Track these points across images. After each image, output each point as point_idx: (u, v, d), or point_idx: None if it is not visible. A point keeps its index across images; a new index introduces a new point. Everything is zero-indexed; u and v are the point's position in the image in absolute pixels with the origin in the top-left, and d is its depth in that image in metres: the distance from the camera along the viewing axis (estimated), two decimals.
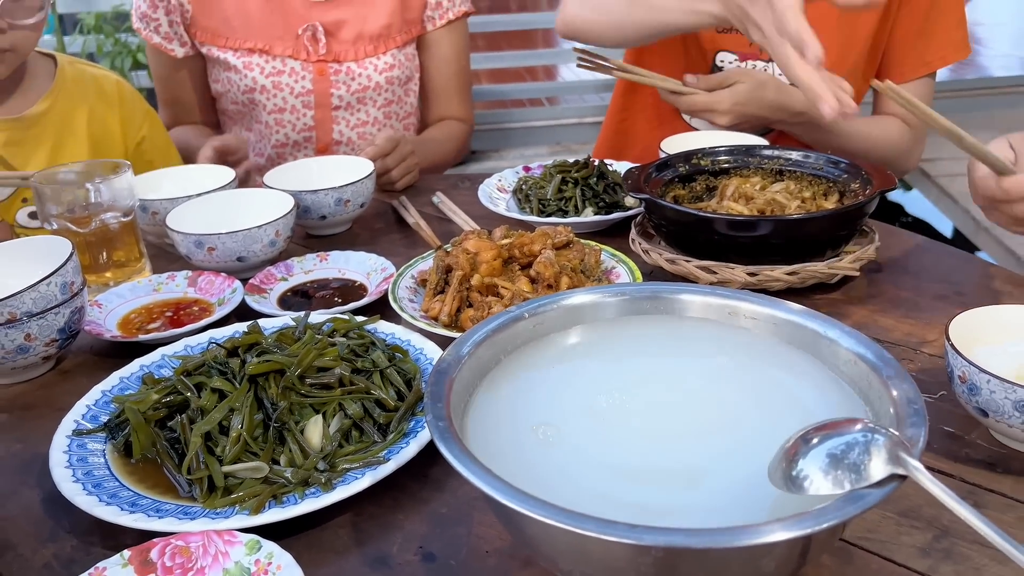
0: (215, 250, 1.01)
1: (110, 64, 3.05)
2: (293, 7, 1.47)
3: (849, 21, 1.30)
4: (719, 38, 1.36)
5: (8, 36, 1.16)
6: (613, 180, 1.18)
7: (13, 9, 1.15)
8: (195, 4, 1.47)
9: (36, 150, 1.28)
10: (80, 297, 0.86)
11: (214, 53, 1.49)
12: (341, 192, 1.14)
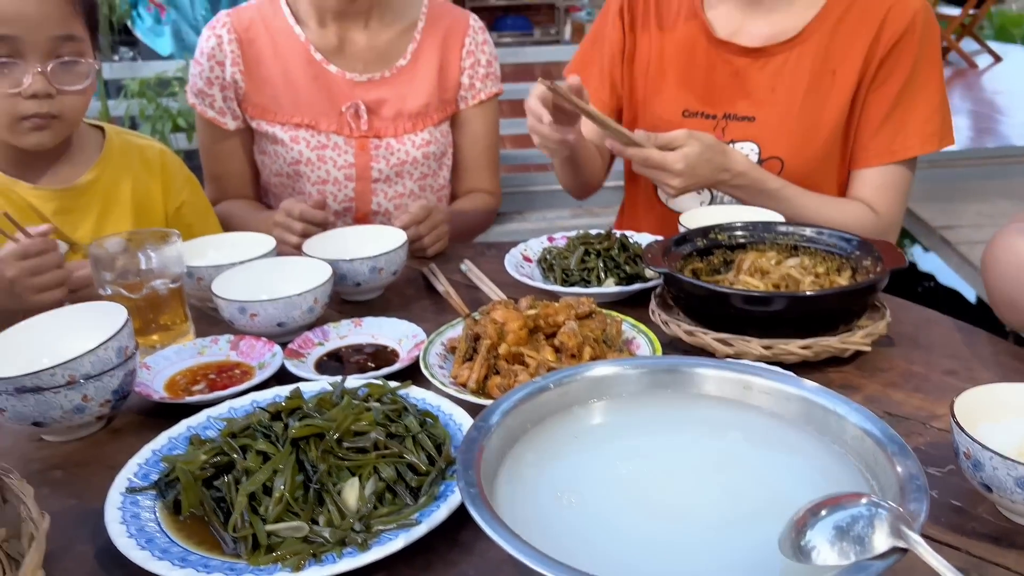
0: (257, 316, 1.07)
1: (151, 127, 3.19)
2: (339, 86, 1.56)
3: (813, 108, 1.36)
4: (684, 123, 1.43)
5: (56, 102, 1.23)
6: (634, 252, 1.23)
7: (62, 75, 1.22)
8: (248, 82, 1.57)
9: (84, 218, 1.35)
10: (133, 360, 0.92)
11: (263, 127, 1.58)
12: (375, 261, 1.21)
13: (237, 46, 1.56)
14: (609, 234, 1.27)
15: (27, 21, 1.17)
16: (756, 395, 0.70)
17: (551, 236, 1.36)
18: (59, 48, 1.21)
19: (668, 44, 1.46)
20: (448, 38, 1.62)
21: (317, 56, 1.56)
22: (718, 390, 0.72)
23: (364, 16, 1.58)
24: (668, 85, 1.46)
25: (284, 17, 1.58)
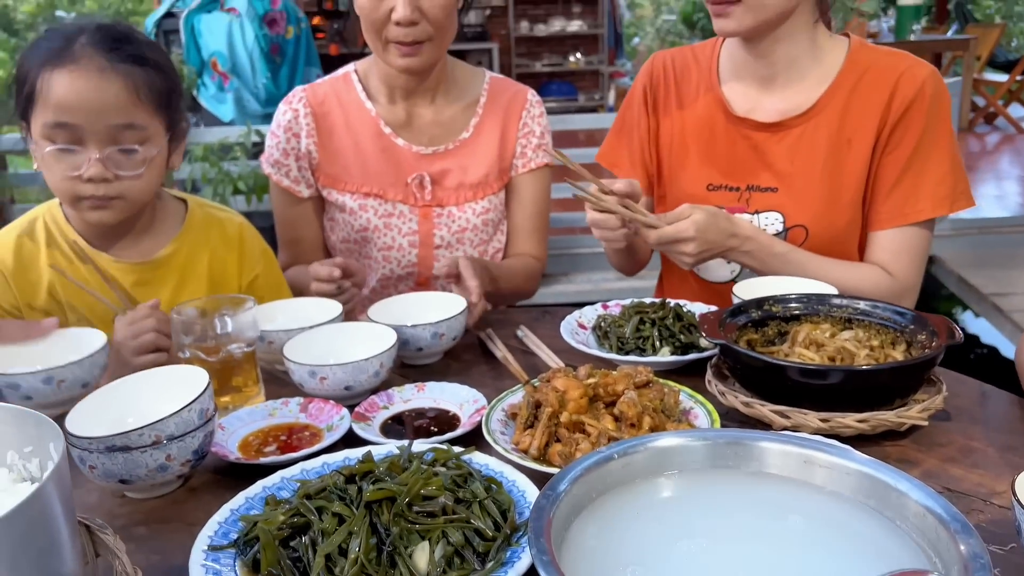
0: (326, 380, 1.12)
1: (213, 191, 3.33)
2: (405, 158, 1.64)
3: (832, 176, 1.41)
4: (710, 196, 1.50)
5: (115, 185, 1.27)
6: (688, 321, 1.26)
7: (120, 161, 1.27)
8: (321, 153, 1.66)
9: (160, 289, 1.41)
10: (212, 422, 0.97)
11: (333, 196, 1.66)
12: (437, 327, 1.25)
13: (312, 119, 1.65)
14: (663, 303, 1.30)
15: (88, 110, 1.23)
16: (817, 470, 0.72)
17: (605, 304, 1.40)
18: (119, 135, 1.26)
19: (689, 122, 1.53)
20: (508, 112, 1.70)
21: (386, 130, 1.65)
22: (779, 465, 0.74)
23: (431, 93, 1.66)
24: (691, 161, 1.53)
25: (356, 93, 1.67)
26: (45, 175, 1.29)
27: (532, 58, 10.75)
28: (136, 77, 1.27)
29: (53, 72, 1.22)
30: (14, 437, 0.76)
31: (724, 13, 1.34)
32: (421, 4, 1.47)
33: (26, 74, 1.25)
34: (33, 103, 1.24)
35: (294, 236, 1.71)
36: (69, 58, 1.23)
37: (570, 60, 10.67)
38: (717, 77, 1.52)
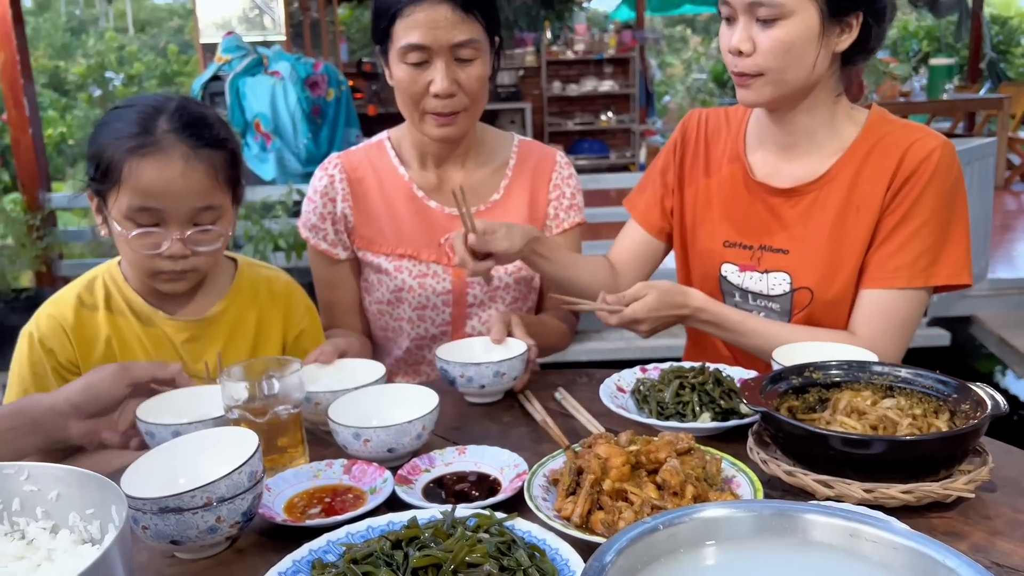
0: (370, 442, 1.14)
1: (254, 248, 3.41)
2: (438, 220, 1.68)
3: (838, 241, 1.44)
4: (725, 252, 1.56)
5: (191, 260, 1.34)
6: (728, 386, 1.26)
7: (198, 239, 1.33)
8: (357, 216, 1.71)
9: (209, 346, 1.45)
10: (261, 484, 0.99)
11: (368, 258, 1.71)
12: (499, 366, 1.37)
13: (347, 184, 1.70)
14: (703, 368, 1.31)
15: (173, 196, 1.29)
16: (864, 543, 0.72)
17: (643, 367, 1.41)
18: (198, 216, 1.32)
19: (713, 181, 1.60)
20: (537, 174, 1.74)
21: (419, 193, 1.69)
22: (825, 536, 0.74)
23: (461, 158, 1.71)
24: (712, 217, 1.59)
25: (390, 159, 1.72)
26: (121, 247, 1.35)
27: (564, 117, 10.93)
28: (215, 161, 1.33)
29: (140, 160, 1.27)
30: (77, 499, 0.79)
31: (746, 84, 1.39)
32: (458, 77, 1.53)
33: (107, 155, 1.30)
34: (115, 185, 1.29)
35: (332, 298, 1.76)
36: (155, 147, 1.28)
37: (601, 119, 10.83)
38: (743, 143, 1.57)
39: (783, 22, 1.33)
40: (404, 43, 1.51)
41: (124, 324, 1.42)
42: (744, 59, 1.37)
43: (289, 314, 1.55)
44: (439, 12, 1.48)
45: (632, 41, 10.58)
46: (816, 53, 1.36)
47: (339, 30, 7.64)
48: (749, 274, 1.53)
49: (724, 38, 1.42)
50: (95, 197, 1.36)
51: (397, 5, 1.51)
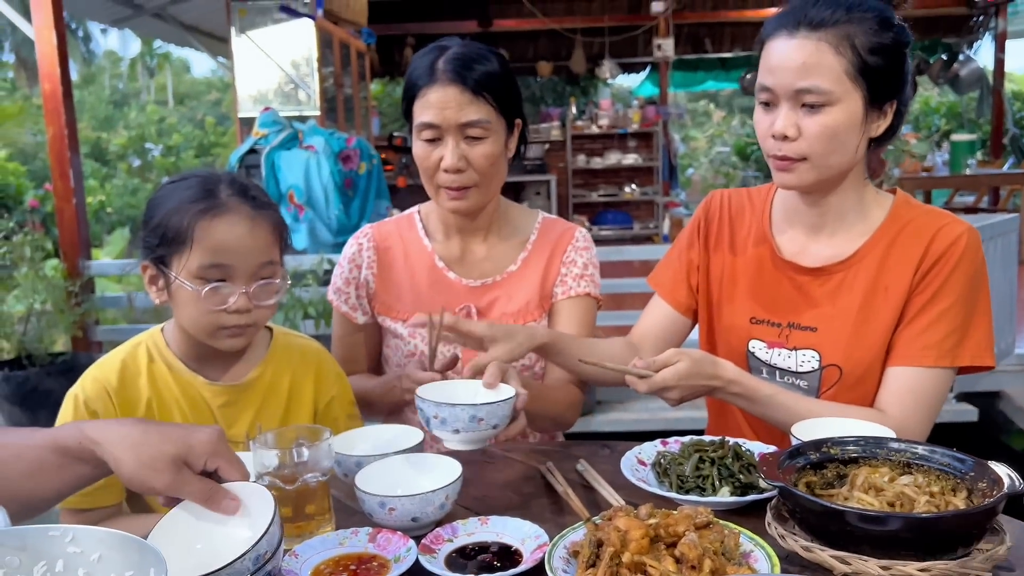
0: (395, 511, 1.17)
1: (284, 315, 3.49)
2: (455, 291, 1.75)
3: (867, 321, 1.47)
4: (752, 328, 1.58)
5: (253, 314, 1.42)
6: (747, 461, 1.28)
7: (260, 293, 1.41)
8: (379, 283, 1.78)
9: (244, 411, 1.50)
10: (272, 562, 0.98)
11: (387, 323, 1.77)
12: (477, 410, 1.29)
13: (374, 252, 1.79)
14: (723, 442, 1.33)
15: (241, 252, 1.38)
16: None
17: (664, 440, 1.43)
18: (260, 271, 1.41)
19: (739, 260, 1.62)
20: (555, 246, 1.80)
21: (440, 264, 1.77)
22: None
23: (483, 232, 1.78)
24: (738, 295, 1.61)
25: (417, 231, 1.81)
26: (182, 309, 1.41)
27: (588, 188, 11.11)
28: (273, 220, 1.44)
29: (211, 221, 1.37)
30: (118, 561, 0.82)
31: (789, 168, 1.42)
32: (467, 154, 1.62)
33: (175, 221, 1.38)
34: (185, 247, 1.37)
35: (348, 356, 1.83)
36: (223, 208, 1.38)
37: (625, 191, 10.99)
38: (769, 223, 1.61)
39: (830, 108, 1.36)
40: (419, 121, 1.63)
41: (164, 388, 1.48)
42: (788, 143, 1.39)
43: (320, 381, 1.60)
44: (449, 93, 1.59)
45: (656, 116, 10.81)
46: (858, 139, 1.40)
47: (371, 105, 7.91)
48: (778, 351, 1.55)
49: (763, 122, 1.44)
50: (151, 267, 1.44)
51: (415, 88, 1.64)
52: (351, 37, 6.71)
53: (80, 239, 3.89)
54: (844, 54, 1.35)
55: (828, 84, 1.35)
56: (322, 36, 5.85)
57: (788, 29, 1.38)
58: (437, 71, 1.61)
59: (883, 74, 1.37)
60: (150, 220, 1.42)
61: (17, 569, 0.83)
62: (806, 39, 1.36)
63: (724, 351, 1.62)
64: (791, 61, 1.36)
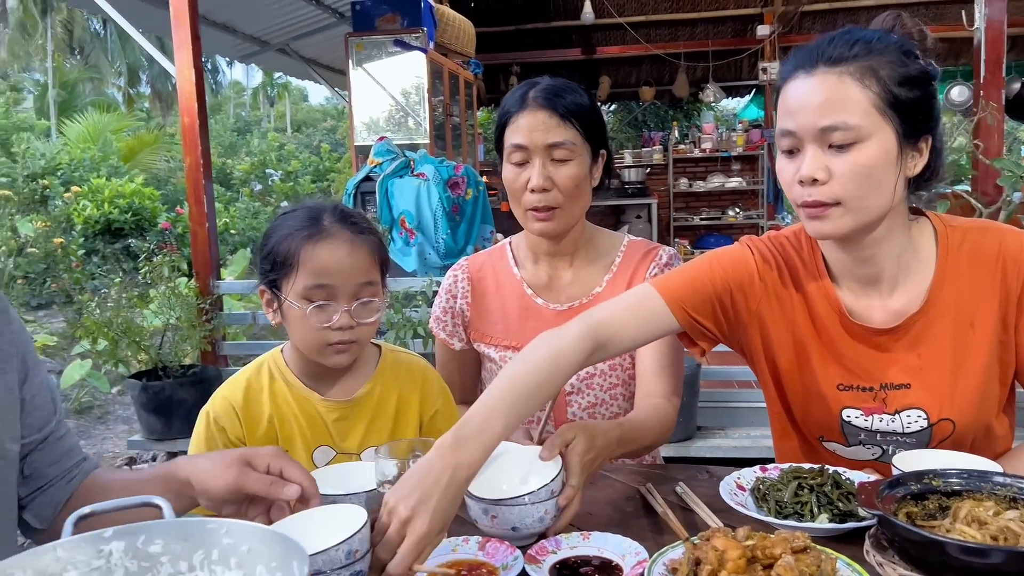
0: (496, 518, 1.25)
1: (395, 335, 3.65)
2: (543, 316, 1.83)
3: (962, 363, 1.39)
4: (842, 396, 1.46)
5: (355, 331, 1.53)
6: (847, 489, 1.30)
7: (361, 311, 1.53)
8: (472, 312, 1.90)
9: (355, 426, 1.62)
10: (360, 563, 1.06)
11: (482, 349, 1.89)
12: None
13: (468, 283, 1.92)
14: (822, 470, 1.35)
15: (342, 273, 1.51)
16: None
17: (764, 466, 1.45)
18: (361, 291, 1.53)
19: (807, 322, 1.47)
20: (639, 265, 1.85)
21: (528, 291, 1.86)
22: None
23: (569, 256, 1.86)
24: (815, 360, 1.47)
25: (508, 261, 1.92)
26: (293, 328, 1.55)
27: (690, 212, 11.02)
28: (372, 244, 1.57)
29: (315, 245, 1.50)
30: (265, 554, 0.93)
31: (822, 215, 1.29)
32: (553, 175, 1.70)
33: (284, 247, 1.52)
34: (293, 270, 1.51)
35: (447, 380, 1.90)
36: (325, 233, 1.52)
37: (728, 214, 10.84)
38: (828, 279, 1.46)
39: (860, 146, 1.25)
40: (509, 144, 1.73)
41: (284, 404, 1.61)
42: (818, 187, 1.28)
43: (425, 396, 1.71)
44: (538, 117, 1.69)
45: (760, 139, 10.64)
46: (895, 178, 1.29)
47: (477, 132, 8.14)
48: (878, 417, 1.44)
49: (787, 170, 1.32)
50: (267, 291, 1.58)
51: (507, 115, 1.75)
52: (460, 68, 6.95)
53: (211, 260, 4.20)
54: (870, 86, 1.25)
55: (856, 119, 1.25)
56: (432, 67, 6.10)
57: (806, 69, 1.29)
58: (528, 100, 1.72)
59: (914, 106, 1.27)
60: (264, 248, 1.57)
61: (180, 555, 0.96)
62: (826, 75, 1.27)
63: (813, 421, 1.51)
64: (812, 99, 1.27)
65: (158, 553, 0.95)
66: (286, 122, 26.22)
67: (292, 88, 27.94)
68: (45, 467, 1.35)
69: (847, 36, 1.30)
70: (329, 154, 15.24)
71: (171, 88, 24.02)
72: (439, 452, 1.17)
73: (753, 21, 10.34)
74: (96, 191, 9.74)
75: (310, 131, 24.10)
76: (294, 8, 6.84)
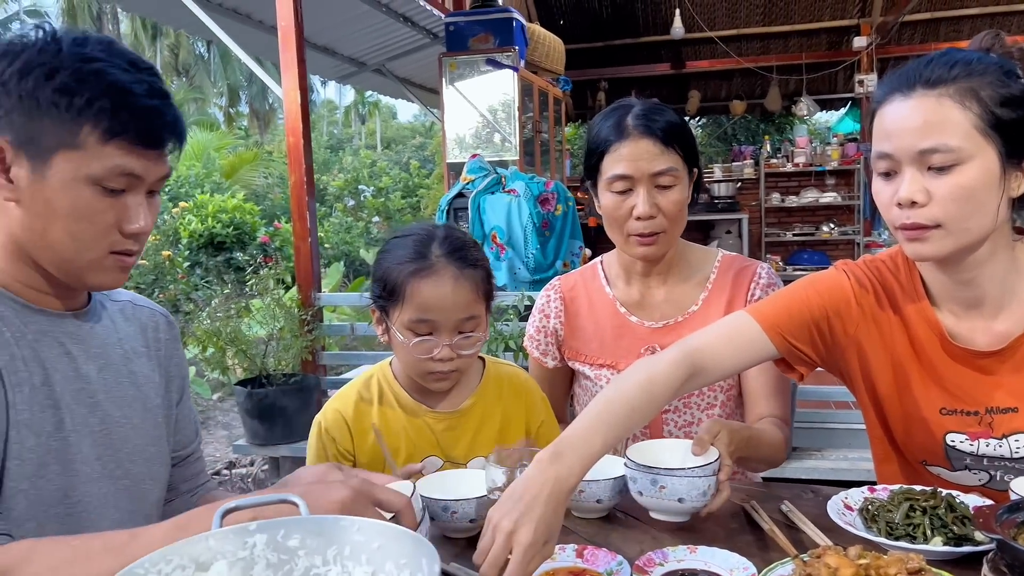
0: (665, 488, 1.35)
1: (487, 348, 3.72)
2: (638, 333, 1.85)
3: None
4: (945, 420, 1.43)
5: (456, 362, 1.59)
6: (961, 513, 1.27)
7: (462, 344, 1.59)
8: (567, 331, 1.94)
9: (462, 436, 1.69)
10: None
11: (577, 367, 1.93)
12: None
13: (561, 303, 1.96)
14: (935, 492, 1.32)
15: (445, 309, 1.56)
16: None
17: (872, 487, 1.44)
18: (463, 325, 1.58)
19: (906, 344, 1.46)
20: (736, 283, 1.84)
21: (621, 310, 1.88)
22: None
23: (663, 275, 1.87)
24: (915, 384, 1.45)
25: (600, 280, 1.94)
26: (400, 352, 1.63)
27: (783, 228, 10.78)
28: (477, 279, 1.60)
29: (420, 281, 1.55)
30: (395, 551, 0.99)
31: (922, 238, 1.29)
32: (658, 202, 1.72)
33: (393, 277, 1.58)
34: (400, 302, 1.57)
35: None
36: (431, 269, 1.56)
37: (823, 230, 10.56)
38: (928, 301, 1.45)
39: (960, 168, 1.25)
40: (611, 174, 1.73)
41: (393, 416, 1.69)
42: (918, 209, 1.27)
43: (530, 407, 1.76)
44: (641, 146, 1.70)
45: (856, 153, 10.34)
46: (998, 199, 1.28)
47: (565, 148, 8.20)
48: (985, 442, 1.41)
49: (885, 192, 1.32)
50: (377, 310, 1.66)
51: (606, 144, 1.75)
52: (549, 85, 7.03)
53: (313, 273, 4.38)
54: (971, 108, 1.24)
55: (956, 141, 1.24)
56: (523, 85, 6.19)
57: (903, 91, 1.28)
58: (627, 127, 1.73)
59: (1017, 126, 1.25)
60: (376, 271, 1.64)
61: (315, 550, 1.03)
62: (924, 97, 1.26)
63: (916, 445, 1.50)
64: (910, 121, 1.26)
65: (296, 547, 1.01)
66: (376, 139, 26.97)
67: (382, 106, 28.72)
68: (179, 482, 1.51)
69: (945, 58, 1.30)
70: (418, 170, 15.59)
71: (268, 108, 25.06)
72: (539, 466, 1.20)
73: (849, 32, 10.07)
74: (200, 206, 10.23)
75: (399, 148, 24.70)
76: (391, 30, 7.07)
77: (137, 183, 1.23)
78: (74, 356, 1.29)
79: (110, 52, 1.19)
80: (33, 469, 1.20)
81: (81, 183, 1.18)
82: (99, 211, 1.20)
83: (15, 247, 1.24)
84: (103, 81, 1.16)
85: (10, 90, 1.16)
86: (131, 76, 1.19)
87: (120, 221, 1.22)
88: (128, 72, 1.19)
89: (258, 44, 6.51)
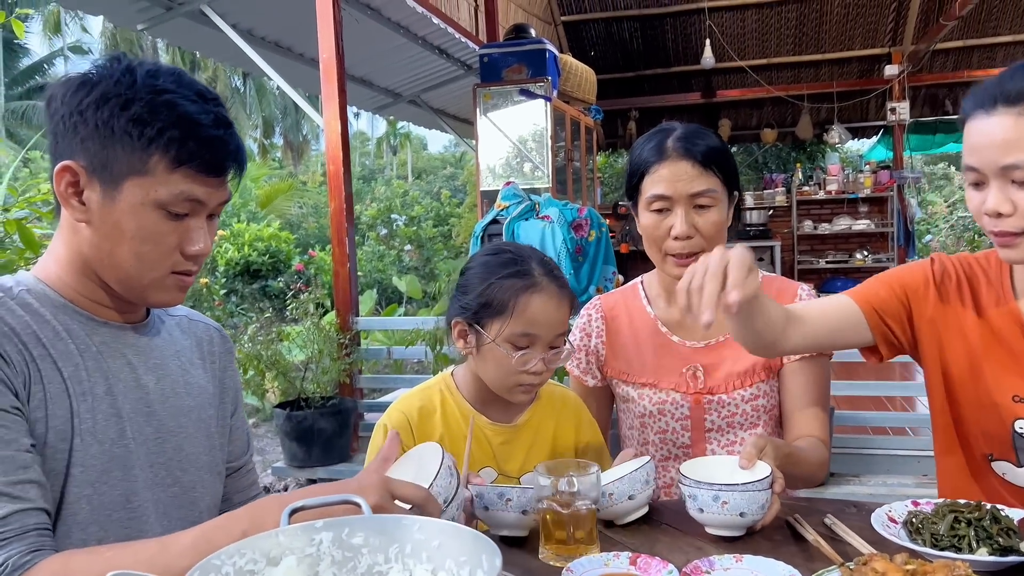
0: (727, 504, 1.36)
1: None
2: (680, 352, 1.88)
3: None
4: (1017, 407, 1.46)
5: (543, 375, 1.65)
6: (1006, 525, 1.29)
7: (552, 358, 1.65)
8: (608, 350, 1.97)
9: (516, 450, 1.73)
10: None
11: (618, 386, 1.95)
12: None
13: (602, 322, 1.98)
14: (979, 505, 1.34)
15: (548, 325, 1.62)
16: None
17: (915, 501, 1.45)
18: (556, 340, 1.65)
19: (986, 332, 1.52)
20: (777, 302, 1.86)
21: (663, 329, 1.91)
22: None
23: None
24: (990, 370, 1.50)
25: (640, 300, 1.98)
26: (489, 364, 1.67)
27: (815, 255, 10.74)
28: (571, 297, 1.69)
29: (531, 296, 1.62)
30: (455, 549, 1.03)
31: (1011, 244, 1.36)
32: (696, 222, 1.76)
33: (499, 293, 1.64)
34: (504, 316, 1.63)
35: None
36: (539, 287, 1.63)
37: (856, 257, 10.49)
38: (1014, 294, 1.51)
39: None
40: (650, 194, 1.78)
41: (455, 425, 1.73)
42: (1005, 219, 1.35)
43: (580, 427, 1.80)
44: (680, 167, 1.75)
45: (889, 180, 10.30)
46: None
47: (596, 176, 8.28)
48: None
49: (975, 200, 1.40)
50: (463, 324, 1.70)
51: (646, 165, 1.80)
52: (581, 114, 7.13)
53: (351, 298, 4.47)
54: None
55: None
56: (555, 114, 6.29)
57: (985, 108, 1.34)
58: (667, 149, 1.77)
59: None
60: (468, 286, 1.70)
61: (377, 548, 1.07)
62: (1005, 115, 1.31)
63: (980, 430, 1.55)
64: (991, 139, 1.32)
65: (359, 545, 1.06)
66: (407, 170, 27.32)
67: (412, 138, 29.14)
68: (232, 493, 1.57)
69: None
70: (449, 199, 15.78)
71: (302, 139, 25.54)
72: None
73: (880, 61, 10.09)
74: (237, 235, 10.44)
75: (430, 178, 25.00)
76: (426, 62, 7.23)
77: (200, 208, 1.30)
78: (135, 367, 1.35)
79: (180, 83, 1.27)
80: (96, 475, 1.26)
81: (148, 207, 1.25)
82: (163, 234, 1.27)
83: (83, 264, 1.31)
84: (174, 112, 1.23)
85: (87, 119, 1.23)
86: (199, 107, 1.26)
87: (182, 243, 1.29)
88: (196, 103, 1.26)
89: (298, 76, 6.70)
